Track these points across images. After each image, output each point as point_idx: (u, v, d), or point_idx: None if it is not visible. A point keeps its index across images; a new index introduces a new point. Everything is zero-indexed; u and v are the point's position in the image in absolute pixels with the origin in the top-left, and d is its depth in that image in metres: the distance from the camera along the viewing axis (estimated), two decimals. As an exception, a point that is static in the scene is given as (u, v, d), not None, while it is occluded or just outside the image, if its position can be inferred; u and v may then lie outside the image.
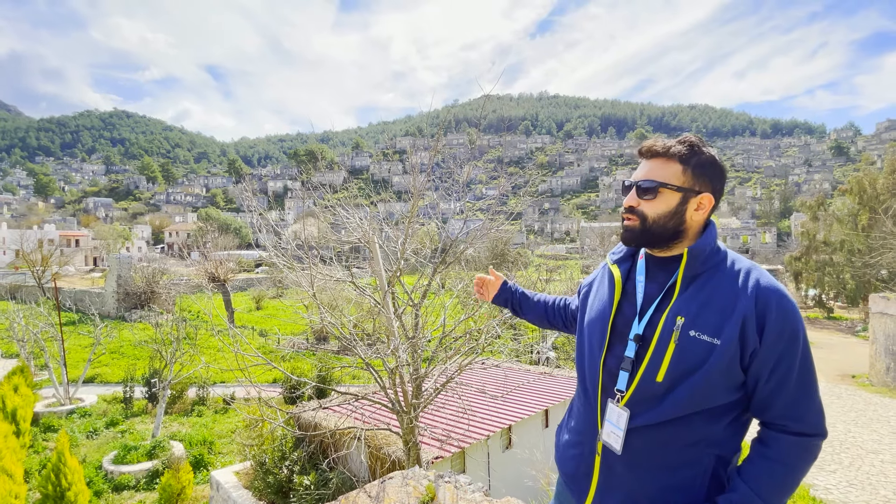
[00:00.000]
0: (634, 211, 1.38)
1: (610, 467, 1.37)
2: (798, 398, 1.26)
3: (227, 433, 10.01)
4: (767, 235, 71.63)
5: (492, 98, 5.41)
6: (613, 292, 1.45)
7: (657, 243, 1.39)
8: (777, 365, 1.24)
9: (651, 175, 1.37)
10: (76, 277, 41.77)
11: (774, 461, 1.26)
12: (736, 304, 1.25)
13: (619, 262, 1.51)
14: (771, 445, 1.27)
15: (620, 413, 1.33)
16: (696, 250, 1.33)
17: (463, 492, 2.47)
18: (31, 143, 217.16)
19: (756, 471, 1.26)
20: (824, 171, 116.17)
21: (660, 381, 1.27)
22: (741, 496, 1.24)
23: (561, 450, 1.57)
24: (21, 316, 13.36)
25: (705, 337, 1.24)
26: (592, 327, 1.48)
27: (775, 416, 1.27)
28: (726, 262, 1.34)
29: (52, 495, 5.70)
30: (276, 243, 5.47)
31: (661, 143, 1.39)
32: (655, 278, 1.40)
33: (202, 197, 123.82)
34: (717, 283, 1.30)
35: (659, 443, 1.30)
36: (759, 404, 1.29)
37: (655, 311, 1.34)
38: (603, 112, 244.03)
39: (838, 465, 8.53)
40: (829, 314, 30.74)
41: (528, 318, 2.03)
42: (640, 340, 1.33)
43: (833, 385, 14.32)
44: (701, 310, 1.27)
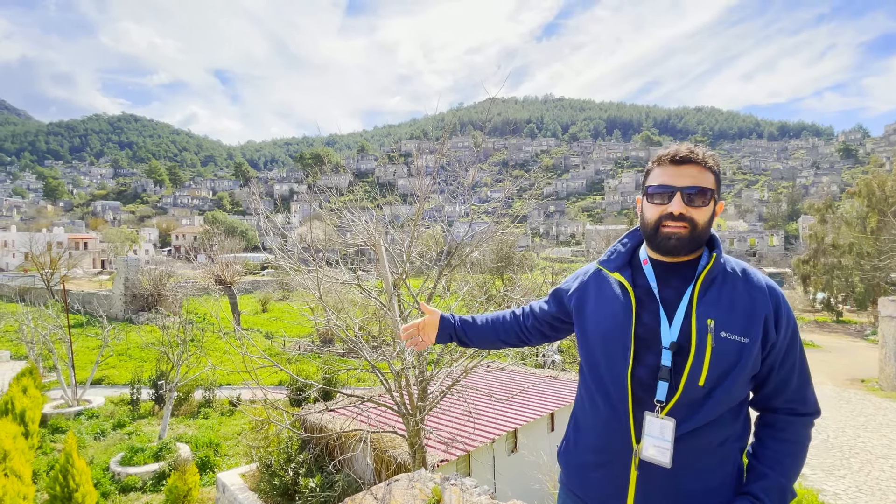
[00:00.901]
0: (684, 218, 1.34)
1: (649, 482, 1.32)
2: (802, 383, 1.37)
3: (233, 435, 10.04)
4: (775, 238, 71.13)
5: (497, 101, 5.42)
6: (629, 301, 1.39)
7: (694, 249, 1.39)
8: (787, 355, 1.35)
9: (701, 182, 1.34)
10: (84, 280, 42.12)
11: (790, 442, 1.35)
12: (755, 303, 1.32)
13: (620, 270, 1.47)
14: (785, 429, 1.36)
15: (664, 424, 1.29)
16: (719, 256, 1.37)
17: (469, 494, 2.47)
18: (41, 146, 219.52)
19: (776, 455, 1.34)
20: (832, 174, 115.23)
21: (701, 385, 1.28)
22: (771, 481, 1.31)
23: (579, 472, 1.48)
24: (30, 318, 13.49)
25: (735, 337, 1.29)
26: (609, 339, 1.40)
27: (786, 401, 1.36)
28: (728, 264, 1.40)
29: (60, 496, 5.73)
30: (282, 246, 5.50)
31: (699, 151, 1.37)
32: (669, 284, 1.39)
33: (209, 200, 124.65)
34: (732, 285, 1.35)
35: (699, 447, 1.31)
36: (770, 392, 1.37)
37: (684, 316, 1.33)
38: (608, 115, 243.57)
39: (847, 471, 8.44)
40: (837, 318, 30.44)
41: (477, 345, 1.83)
42: (676, 347, 1.31)
43: (842, 389, 14.18)
44: (727, 311, 1.31)
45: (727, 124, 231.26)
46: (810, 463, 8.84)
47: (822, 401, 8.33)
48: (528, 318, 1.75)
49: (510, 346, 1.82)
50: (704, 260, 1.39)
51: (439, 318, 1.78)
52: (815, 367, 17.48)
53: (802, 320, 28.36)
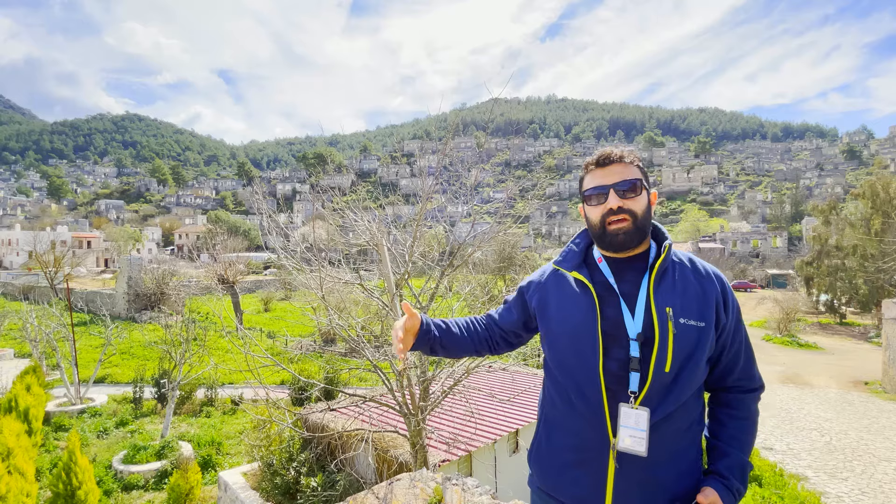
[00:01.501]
0: (623, 210, 1.41)
1: (627, 474, 1.35)
2: (749, 360, 1.47)
3: (235, 434, 10.07)
4: (778, 240, 70.89)
5: (500, 101, 5.42)
6: (591, 297, 1.43)
7: (642, 241, 1.46)
8: (735, 335, 1.45)
9: (625, 176, 1.43)
10: (88, 278, 42.27)
11: (744, 419, 1.46)
12: (706, 289, 1.41)
13: (578, 269, 1.51)
14: (738, 406, 1.47)
15: (639, 414, 1.32)
16: (671, 247, 1.45)
17: (470, 494, 2.48)
18: (45, 145, 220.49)
19: (733, 432, 1.44)
20: (836, 175, 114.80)
21: (668, 371, 1.34)
22: (733, 459, 1.41)
23: (554, 474, 1.48)
24: (34, 316, 13.54)
25: (693, 322, 1.36)
26: (577, 336, 1.43)
27: (736, 380, 1.47)
28: (675, 255, 1.48)
29: (63, 494, 5.75)
30: (284, 246, 5.51)
31: (617, 151, 1.47)
32: (624, 278, 1.45)
33: (212, 199, 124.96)
34: (682, 273, 1.43)
35: (670, 433, 1.37)
36: (722, 371, 1.46)
37: (644, 307, 1.39)
38: (611, 115, 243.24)
39: (850, 473, 8.41)
40: (841, 320, 30.32)
41: (448, 355, 1.70)
42: (642, 338, 1.36)
43: (845, 392, 14.11)
44: (682, 298, 1.38)
45: (730, 125, 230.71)
46: (813, 466, 8.81)
47: (826, 403, 8.39)
48: (495, 330, 1.72)
49: (479, 355, 1.78)
50: (655, 251, 1.47)
51: (419, 326, 1.59)
52: (818, 369, 17.42)
53: (805, 322, 28.25)
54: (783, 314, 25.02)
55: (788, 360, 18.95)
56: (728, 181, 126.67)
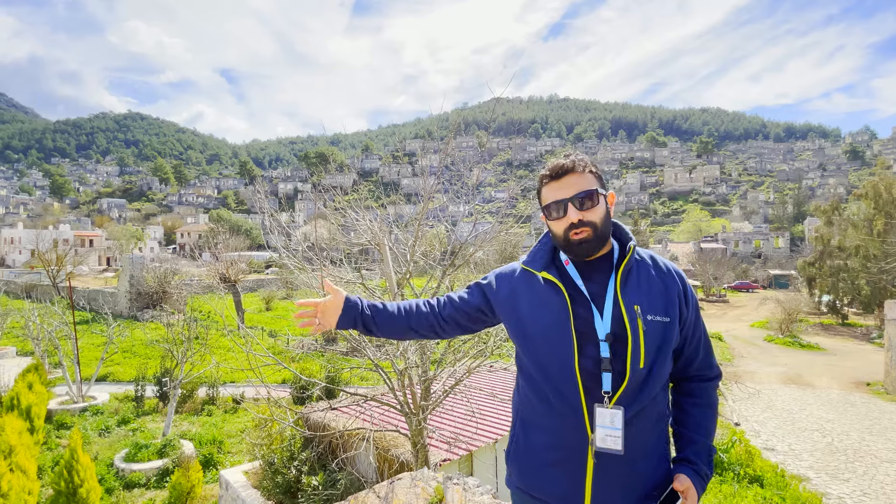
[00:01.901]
0: (584, 223, 1.44)
1: (605, 471, 1.37)
2: (708, 350, 1.56)
3: (236, 433, 10.08)
4: (780, 240, 70.74)
5: (502, 101, 5.41)
6: (563, 298, 1.45)
7: (604, 246, 1.50)
8: (695, 328, 1.51)
9: (584, 187, 1.45)
10: (90, 277, 42.36)
11: (706, 406, 1.54)
12: (668, 286, 1.47)
13: (547, 269, 1.53)
14: (700, 395, 1.55)
15: (614, 413, 1.35)
16: (635, 248, 1.50)
17: (472, 494, 2.48)
18: (48, 144, 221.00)
19: (697, 420, 1.52)
20: (839, 176, 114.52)
21: (642, 367, 1.38)
22: (700, 445, 1.49)
23: (533, 473, 1.49)
24: (36, 314, 13.58)
25: (659, 318, 1.42)
26: (552, 336, 1.44)
27: (697, 369, 1.54)
28: (637, 253, 1.52)
29: (65, 491, 5.77)
30: (286, 245, 5.52)
31: (569, 161, 1.48)
32: (591, 279, 1.49)
33: (214, 198, 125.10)
34: (645, 271, 1.49)
35: (643, 427, 1.41)
36: (685, 362, 1.53)
37: (613, 306, 1.42)
38: (613, 115, 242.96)
39: (852, 474, 8.39)
40: (843, 321, 30.25)
41: (383, 334, 1.68)
42: (612, 338, 1.39)
43: (847, 393, 14.08)
44: (648, 295, 1.43)
45: (733, 125, 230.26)
46: (814, 467, 8.79)
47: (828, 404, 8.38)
48: (446, 308, 1.67)
49: (421, 336, 1.72)
50: (618, 252, 1.51)
51: (343, 301, 1.60)
52: (820, 370, 17.39)
53: (807, 323, 28.18)
54: (785, 315, 24.98)
55: (790, 361, 18.92)
56: (730, 181, 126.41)
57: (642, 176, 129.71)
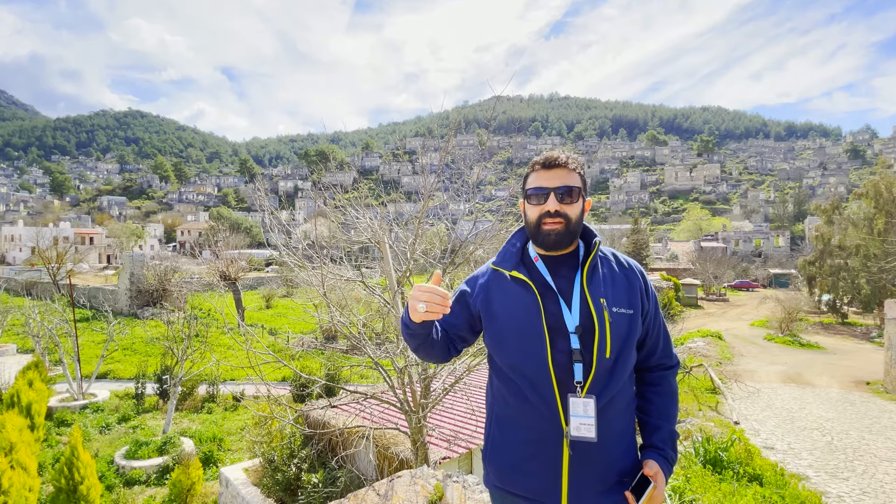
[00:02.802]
0: (559, 214, 1.51)
1: (581, 459, 1.43)
2: (667, 341, 1.63)
3: (236, 430, 10.09)
4: (781, 239, 70.72)
5: (502, 99, 5.40)
6: (533, 294, 1.51)
7: (570, 242, 1.56)
8: (654, 319, 1.59)
9: (569, 182, 1.53)
10: (90, 275, 42.38)
11: (668, 395, 1.61)
12: (630, 280, 1.56)
13: (517, 268, 1.58)
14: (661, 383, 1.61)
15: (587, 402, 1.41)
16: (600, 245, 1.58)
17: (471, 492, 2.48)
18: (48, 142, 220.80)
19: (661, 407, 1.59)
20: (839, 175, 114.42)
21: (608, 357, 1.44)
22: (664, 431, 1.56)
23: (512, 469, 1.50)
24: (37, 312, 13.59)
25: (623, 310, 1.49)
26: (524, 332, 1.48)
27: (658, 358, 1.62)
28: (600, 250, 1.60)
29: (65, 489, 5.78)
30: (286, 243, 5.51)
31: (563, 156, 1.56)
32: (559, 274, 1.55)
33: (214, 196, 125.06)
34: (609, 267, 1.57)
35: (613, 415, 1.47)
36: (648, 352, 1.60)
37: (581, 300, 1.49)
38: (614, 113, 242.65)
39: (851, 473, 8.40)
40: (843, 320, 30.26)
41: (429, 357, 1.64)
42: (581, 330, 1.46)
43: (847, 392, 14.08)
44: (612, 289, 1.52)
45: (733, 124, 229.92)
46: (814, 465, 8.80)
47: (827, 403, 8.34)
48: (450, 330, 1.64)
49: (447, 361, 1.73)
50: (583, 250, 1.59)
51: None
52: (820, 369, 17.39)
53: (807, 322, 28.19)
54: (785, 314, 24.98)
55: (790, 360, 18.92)
56: (731, 180, 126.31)
57: (643, 174, 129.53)
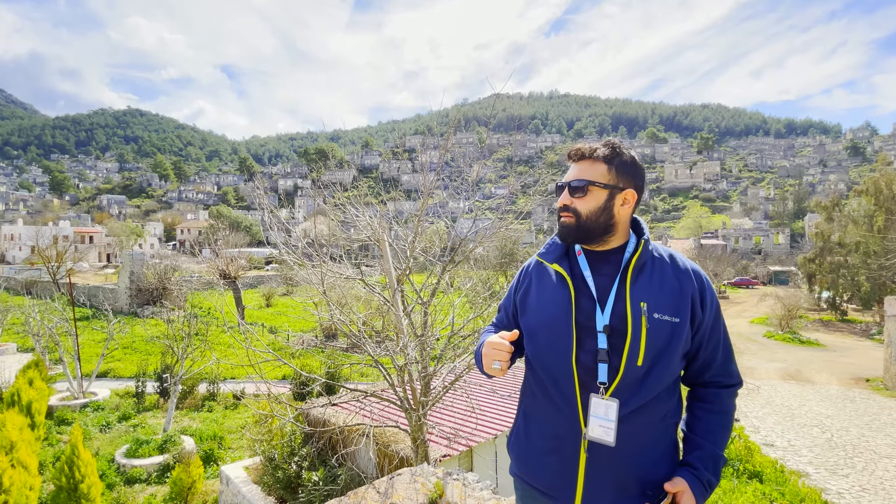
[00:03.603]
0: (569, 209, 1.49)
1: (598, 462, 1.39)
2: (727, 357, 1.49)
3: (236, 429, 10.11)
4: (780, 236, 70.71)
5: (502, 97, 5.39)
6: (567, 289, 1.48)
7: (591, 238, 1.50)
8: (713, 332, 1.46)
9: (580, 175, 1.48)
10: (90, 273, 42.37)
11: (719, 413, 1.48)
12: (682, 286, 1.43)
13: (558, 261, 1.55)
14: (713, 401, 1.49)
15: (608, 404, 1.36)
16: (646, 244, 1.48)
17: (471, 489, 2.48)
18: (47, 140, 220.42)
19: (708, 426, 1.47)
20: (839, 172, 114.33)
21: (640, 364, 1.36)
22: (706, 451, 1.44)
23: (531, 461, 1.53)
24: (36, 311, 13.59)
25: (667, 317, 1.39)
26: (553, 327, 1.46)
27: (713, 375, 1.49)
28: (656, 251, 1.50)
29: (66, 487, 5.79)
30: (286, 241, 5.51)
31: (587, 147, 1.50)
32: (601, 272, 1.49)
33: (213, 195, 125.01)
34: (661, 269, 1.46)
35: (641, 424, 1.40)
36: (700, 367, 1.49)
37: (616, 300, 1.41)
38: (614, 111, 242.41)
39: (851, 470, 8.42)
40: (842, 317, 30.27)
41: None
42: (610, 331, 1.39)
43: (847, 389, 14.11)
44: (658, 293, 1.41)
45: (733, 121, 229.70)
46: (814, 462, 8.81)
47: (827, 400, 8.35)
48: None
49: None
50: (632, 247, 1.50)
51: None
52: (819, 366, 17.41)
53: (807, 319, 28.21)
54: (785, 311, 24.99)
55: (790, 357, 18.94)
56: (731, 178, 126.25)
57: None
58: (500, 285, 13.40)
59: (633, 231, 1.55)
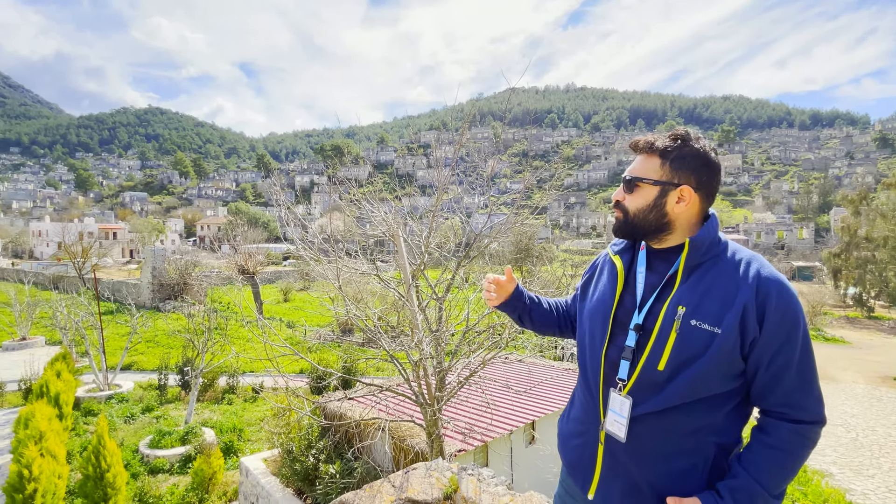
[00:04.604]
0: (619, 205, 1.46)
1: (613, 455, 1.40)
2: (797, 386, 1.27)
3: (255, 421, 10.28)
4: (805, 231, 69.00)
5: (517, 91, 5.36)
6: (616, 283, 1.48)
7: (641, 235, 1.45)
8: (777, 354, 1.26)
9: (633, 170, 1.43)
10: (114, 269, 43.44)
11: (773, 448, 1.28)
12: (737, 294, 1.27)
13: (621, 254, 1.54)
14: (770, 433, 1.30)
15: (623, 401, 1.36)
16: (696, 241, 1.35)
17: (486, 485, 2.49)
18: (72, 139, 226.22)
19: (755, 457, 1.29)
20: (867, 164, 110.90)
21: (661, 369, 1.31)
22: (741, 482, 1.26)
23: (564, 439, 1.60)
24: (63, 305, 13.99)
25: (706, 326, 1.27)
26: (594, 318, 1.50)
27: (774, 404, 1.30)
28: (727, 253, 1.36)
29: (93, 476, 5.97)
30: (303, 237, 5.57)
31: (646, 139, 1.42)
32: (656, 269, 1.44)
33: (232, 191, 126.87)
34: (718, 273, 1.33)
35: (661, 430, 1.33)
36: (758, 392, 1.31)
37: (656, 300, 1.38)
38: (632, 104, 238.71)
39: (877, 470, 8.21)
40: (869, 314, 29.47)
41: (537, 328, 1.84)
42: (640, 330, 1.37)
43: (873, 387, 13.73)
44: (702, 299, 1.30)
45: (756, 113, 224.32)
46: (838, 462, 8.61)
47: (853, 399, 8.15)
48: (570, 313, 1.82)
49: (564, 335, 1.85)
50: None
51: (514, 287, 1.78)
52: (845, 364, 16.99)
53: (832, 316, 27.52)
54: (809, 308, 24.43)
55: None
56: (753, 171, 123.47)
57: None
58: (515, 281, 13.34)
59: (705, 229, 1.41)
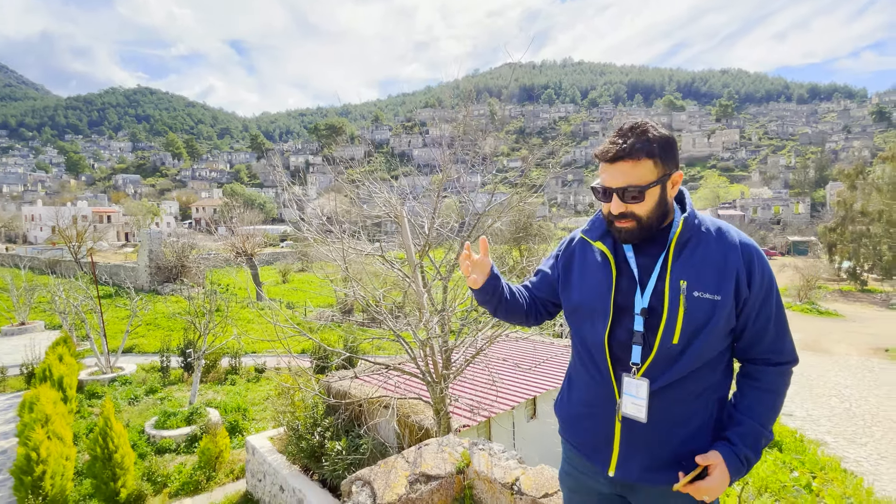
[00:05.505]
0: (626, 215, 1.41)
1: (632, 433, 1.43)
2: (777, 334, 1.42)
3: (259, 401, 10.40)
4: (801, 206, 69.18)
5: (514, 66, 5.26)
6: (609, 269, 1.48)
7: (649, 236, 1.46)
8: (762, 309, 1.40)
9: (630, 181, 1.37)
10: (110, 252, 43.25)
11: (765, 391, 1.43)
12: (727, 261, 1.38)
13: (602, 239, 1.53)
14: (760, 378, 1.44)
15: (640, 384, 1.39)
16: (688, 220, 1.43)
17: (497, 459, 2.53)
18: (60, 121, 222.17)
19: (751, 402, 1.43)
20: (864, 138, 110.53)
21: (675, 343, 1.37)
22: (747, 427, 1.39)
23: (572, 421, 1.61)
24: (61, 289, 13.95)
25: (707, 295, 1.36)
26: (592, 305, 1.50)
27: (761, 352, 1.43)
28: (702, 224, 1.44)
29: (101, 457, 6.05)
30: (305, 217, 5.53)
31: (620, 147, 1.36)
32: (645, 251, 1.47)
33: (226, 173, 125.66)
34: (705, 245, 1.41)
35: (675, 399, 1.41)
36: (746, 343, 1.44)
37: (657, 281, 1.41)
38: (630, 79, 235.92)
39: (869, 439, 8.42)
40: (862, 287, 29.79)
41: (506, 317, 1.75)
42: (648, 313, 1.40)
43: (865, 359, 13.97)
44: (699, 271, 1.38)
45: (754, 87, 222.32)
46: (832, 431, 8.82)
47: (846, 370, 8.31)
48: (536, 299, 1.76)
49: (527, 324, 1.81)
50: (677, 224, 1.45)
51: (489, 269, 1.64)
52: (838, 336, 17.24)
53: (826, 289, 27.80)
54: (804, 281, 24.67)
55: (808, 328, 18.77)
56: (750, 146, 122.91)
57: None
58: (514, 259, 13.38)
59: (676, 205, 1.50)
